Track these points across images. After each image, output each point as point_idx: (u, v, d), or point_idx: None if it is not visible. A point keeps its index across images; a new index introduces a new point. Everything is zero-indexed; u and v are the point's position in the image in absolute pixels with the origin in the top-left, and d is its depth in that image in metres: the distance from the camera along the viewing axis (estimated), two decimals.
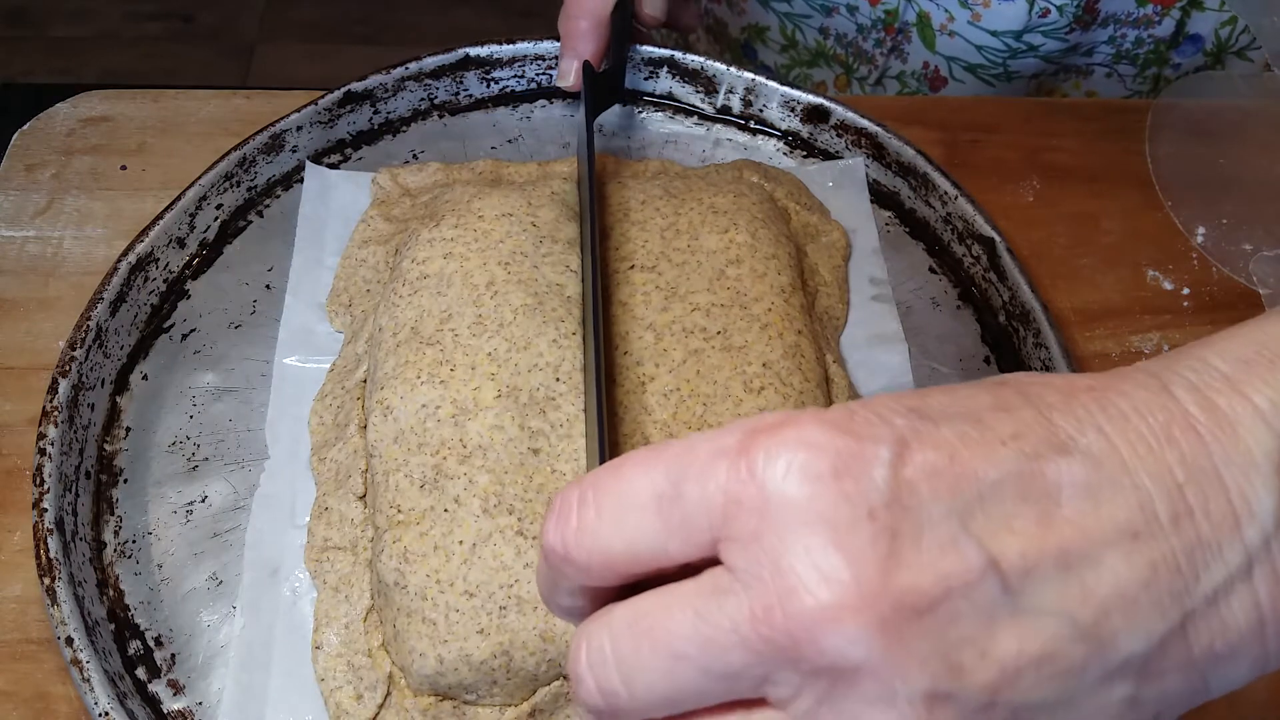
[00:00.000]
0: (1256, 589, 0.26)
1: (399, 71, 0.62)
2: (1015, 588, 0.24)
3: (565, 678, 0.42)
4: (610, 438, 0.45)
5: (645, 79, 0.64)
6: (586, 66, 0.58)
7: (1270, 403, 0.26)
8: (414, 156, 0.62)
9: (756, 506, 0.25)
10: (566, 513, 0.27)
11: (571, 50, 0.59)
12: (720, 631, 0.25)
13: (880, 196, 0.62)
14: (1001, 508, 0.25)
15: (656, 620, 0.26)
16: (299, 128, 0.59)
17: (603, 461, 0.36)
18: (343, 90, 0.60)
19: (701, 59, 0.63)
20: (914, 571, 0.24)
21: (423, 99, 0.63)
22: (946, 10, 0.71)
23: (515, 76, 0.64)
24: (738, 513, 0.25)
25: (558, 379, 0.47)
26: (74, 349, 0.50)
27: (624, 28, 0.60)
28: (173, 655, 0.45)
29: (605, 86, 0.60)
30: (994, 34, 0.71)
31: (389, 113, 0.62)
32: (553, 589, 0.29)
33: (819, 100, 0.62)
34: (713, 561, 0.26)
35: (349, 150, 0.61)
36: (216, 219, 0.57)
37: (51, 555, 0.44)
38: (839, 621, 0.24)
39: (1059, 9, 0.69)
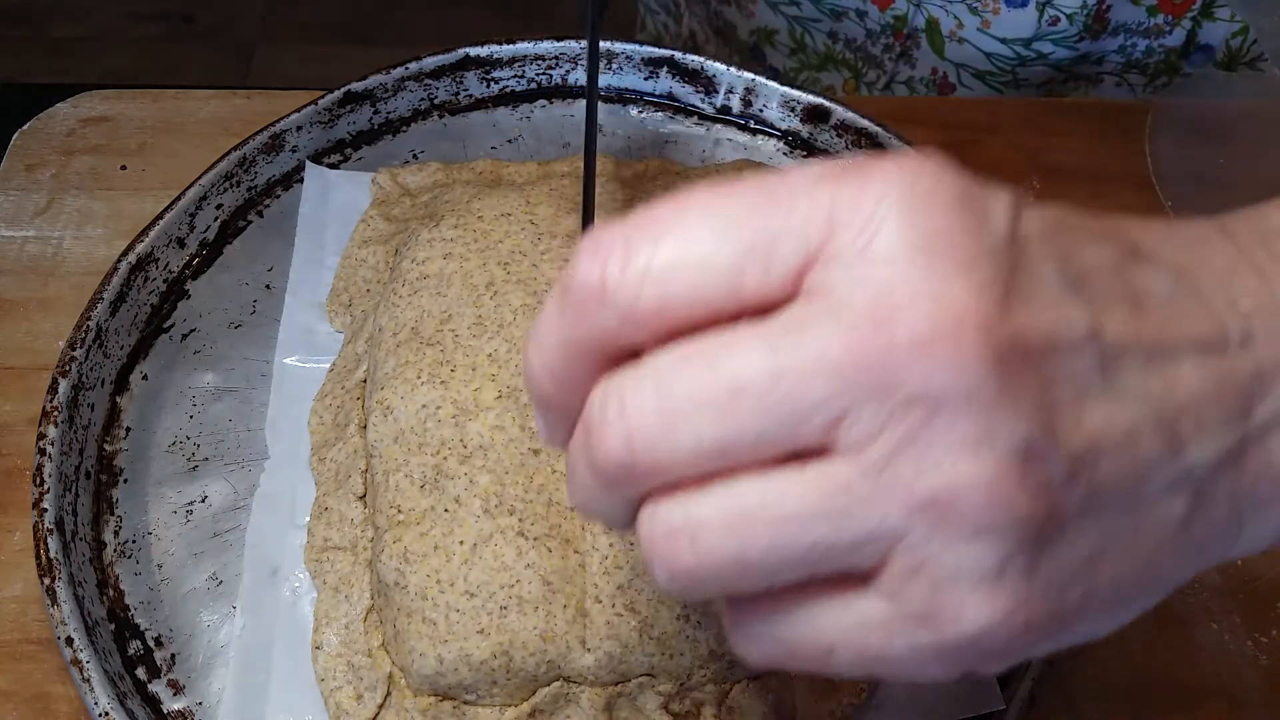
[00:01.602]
0: None
1: (399, 71, 0.62)
2: (1111, 364, 0.23)
3: (566, 678, 0.42)
4: None
5: (645, 79, 0.64)
6: None
7: None
8: (414, 156, 0.62)
9: (865, 224, 0.22)
10: (606, 245, 0.23)
11: None
12: (800, 359, 0.22)
13: None
14: (1101, 290, 0.24)
15: (713, 354, 0.23)
16: (299, 128, 0.59)
17: None
18: (343, 90, 0.60)
19: (701, 59, 0.63)
20: (1030, 315, 0.22)
21: (423, 99, 0.63)
22: (956, 17, 0.71)
23: (515, 76, 0.64)
24: (841, 231, 0.22)
25: None
26: (74, 349, 0.50)
27: None
28: (173, 655, 0.45)
29: None
30: (1003, 41, 0.71)
31: (389, 113, 0.62)
32: (563, 355, 0.25)
33: (819, 100, 0.62)
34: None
35: (349, 150, 0.61)
36: (216, 219, 0.57)
37: (51, 555, 0.44)
38: (955, 344, 0.21)
39: (1069, 17, 0.69)
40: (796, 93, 0.63)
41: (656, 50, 0.63)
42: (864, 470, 0.22)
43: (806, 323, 0.22)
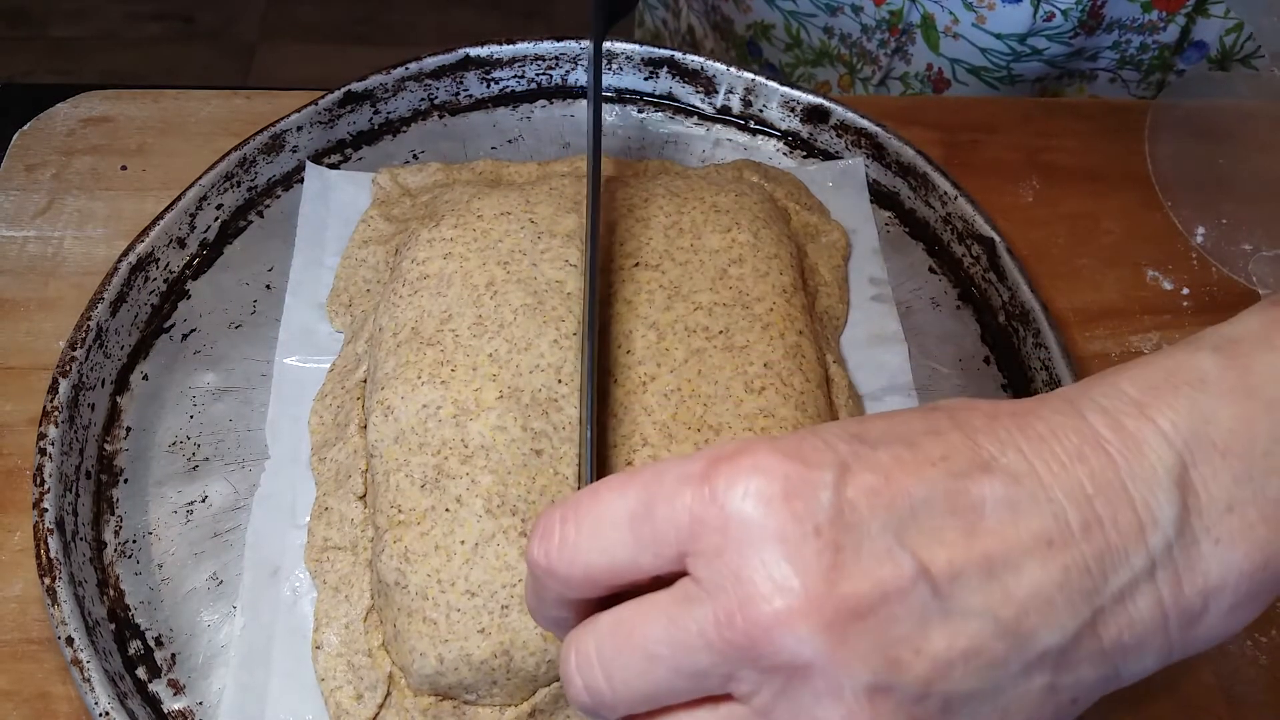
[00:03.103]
0: (1160, 588, 0.29)
1: (399, 71, 0.62)
2: (944, 592, 0.27)
3: None
4: (602, 452, 0.45)
5: (645, 79, 0.64)
6: None
7: (1172, 424, 0.29)
8: (414, 156, 0.62)
9: (719, 525, 0.28)
10: (549, 531, 0.30)
11: None
12: (689, 635, 0.28)
13: (880, 196, 0.62)
14: (932, 521, 0.28)
15: (634, 626, 0.29)
16: (299, 128, 0.59)
17: (592, 480, 0.39)
18: (343, 90, 0.61)
19: (701, 59, 0.63)
20: (855, 580, 0.27)
21: (423, 99, 0.63)
22: (951, 12, 0.71)
23: (515, 76, 0.64)
24: (702, 531, 0.28)
25: (559, 380, 0.47)
26: (74, 349, 0.50)
27: None
28: (173, 655, 0.45)
29: None
30: (998, 37, 0.71)
31: (389, 113, 0.62)
32: (539, 602, 0.32)
33: (819, 100, 0.62)
34: (682, 573, 0.29)
35: (349, 150, 0.61)
36: (217, 219, 0.57)
37: (52, 555, 0.44)
38: (791, 625, 0.27)
39: (1063, 13, 0.69)
40: (796, 93, 0.63)
41: (656, 50, 0.63)
42: (754, 713, 0.28)
43: (691, 600, 0.28)
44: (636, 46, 0.63)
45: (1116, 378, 0.31)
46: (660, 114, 0.65)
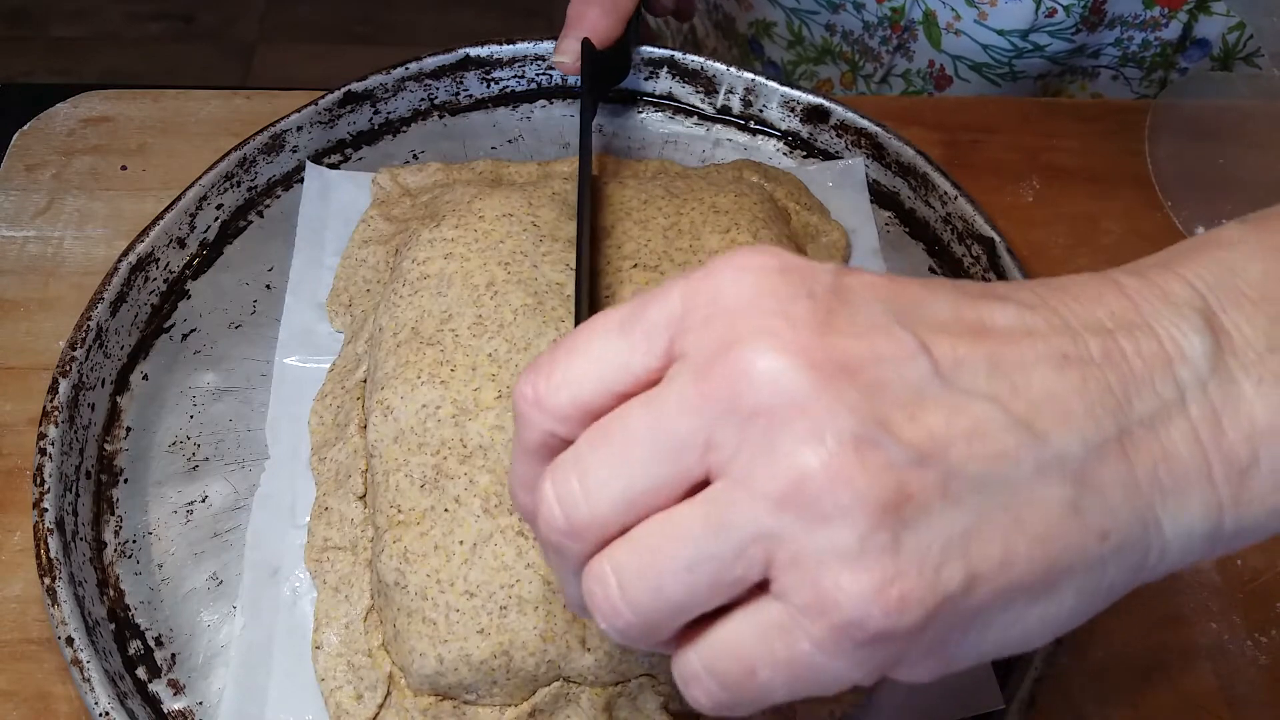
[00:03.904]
0: (1195, 425, 0.27)
1: (399, 71, 0.62)
2: (946, 372, 0.26)
3: (566, 678, 0.42)
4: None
5: (645, 79, 0.64)
6: (587, 45, 0.57)
7: (1196, 274, 0.28)
8: (414, 156, 0.62)
9: (710, 297, 0.27)
10: (537, 366, 0.29)
11: (575, 30, 0.57)
12: (668, 406, 0.26)
13: (880, 196, 0.62)
14: (937, 319, 0.27)
15: (614, 424, 0.27)
16: (299, 128, 0.59)
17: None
18: (343, 90, 0.61)
19: (701, 59, 0.63)
20: (847, 338, 0.26)
21: (423, 99, 0.63)
22: (953, 9, 0.71)
23: (515, 76, 0.64)
24: (693, 306, 0.27)
25: None
26: (74, 349, 0.50)
27: (635, 6, 0.59)
28: (173, 655, 0.45)
29: (609, 65, 0.58)
30: (1000, 33, 0.71)
31: (389, 113, 0.62)
32: (523, 452, 0.29)
33: (819, 100, 0.62)
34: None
35: (349, 150, 0.61)
36: (217, 219, 0.57)
37: (52, 555, 0.44)
38: (772, 360, 0.25)
39: (1065, 9, 0.69)
40: (796, 93, 0.63)
41: (656, 50, 0.63)
42: (733, 483, 0.26)
43: (671, 379, 0.27)
44: (639, 46, 0.63)
45: (1139, 260, 0.30)
46: (660, 114, 0.65)
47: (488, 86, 0.64)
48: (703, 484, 0.26)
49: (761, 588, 0.26)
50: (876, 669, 0.26)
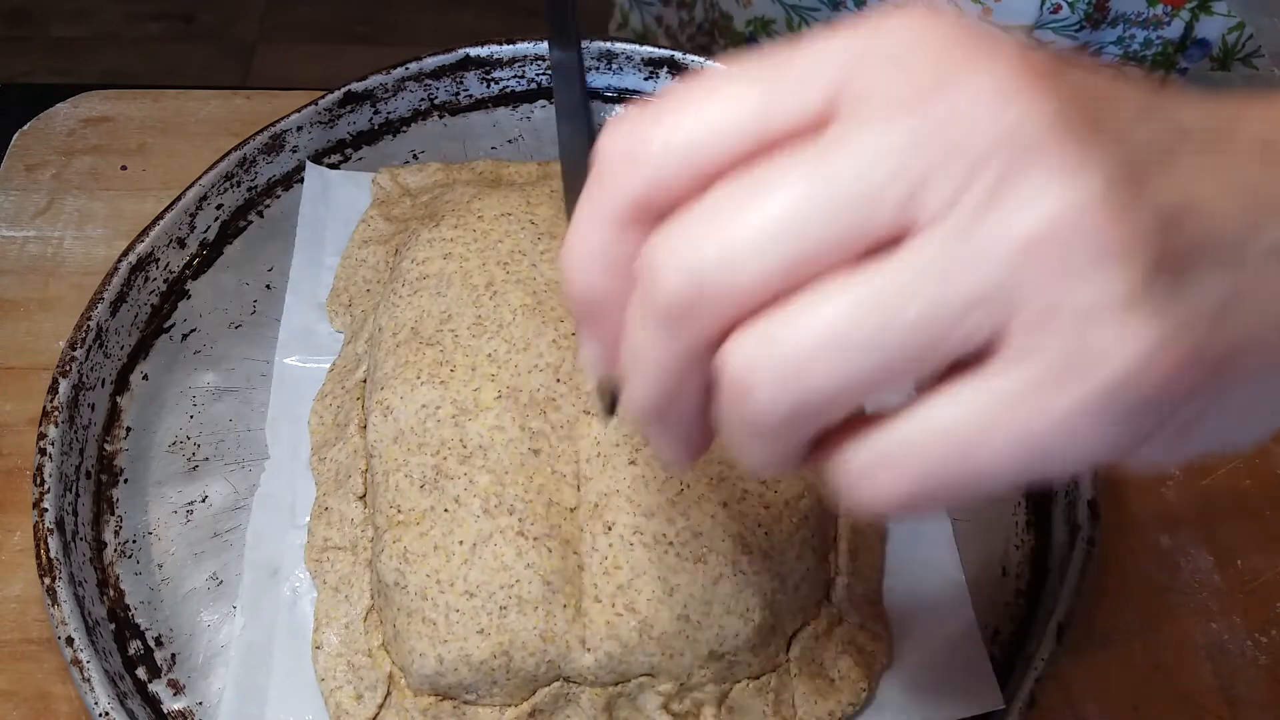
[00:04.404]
0: None
1: (399, 71, 0.62)
2: (1180, 138, 0.23)
3: (566, 678, 0.42)
4: (606, 451, 0.45)
5: (645, 79, 0.64)
6: None
7: None
8: (414, 156, 0.62)
9: (895, 39, 0.22)
10: (630, 118, 0.24)
11: None
12: (853, 148, 0.21)
13: None
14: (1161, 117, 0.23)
15: (771, 171, 0.22)
16: (299, 128, 0.59)
17: None
18: (343, 90, 0.60)
19: (701, 59, 0.63)
20: (1080, 84, 0.22)
21: (423, 99, 0.63)
22: (956, 4, 0.71)
23: (515, 76, 0.64)
24: (872, 49, 0.22)
25: (558, 380, 0.47)
26: (74, 349, 0.50)
27: None
28: (173, 655, 0.45)
29: None
30: (1004, 29, 0.71)
31: (389, 113, 0.62)
32: (593, 222, 0.24)
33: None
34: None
35: (349, 150, 0.61)
36: (217, 219, 0.57)
37: (52, 555, 0.44)
38: (1022, 88, 0.21)
39: (1070, 5, 0.69)
40: None
41: (656, 50, 0.63)
42: (953, 234, 0.21)
43: (857, 121, 0.22)
44: (637, 46, 0.63)
45: None
46: None
47: (488, 86, 0.64)
48: (879, 248, 0.22)
49: (979, 356, 0.22)
50: (1126, 442, 0.22)
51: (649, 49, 0.63)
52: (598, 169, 0.24)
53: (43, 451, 0.46)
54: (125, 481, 0.50)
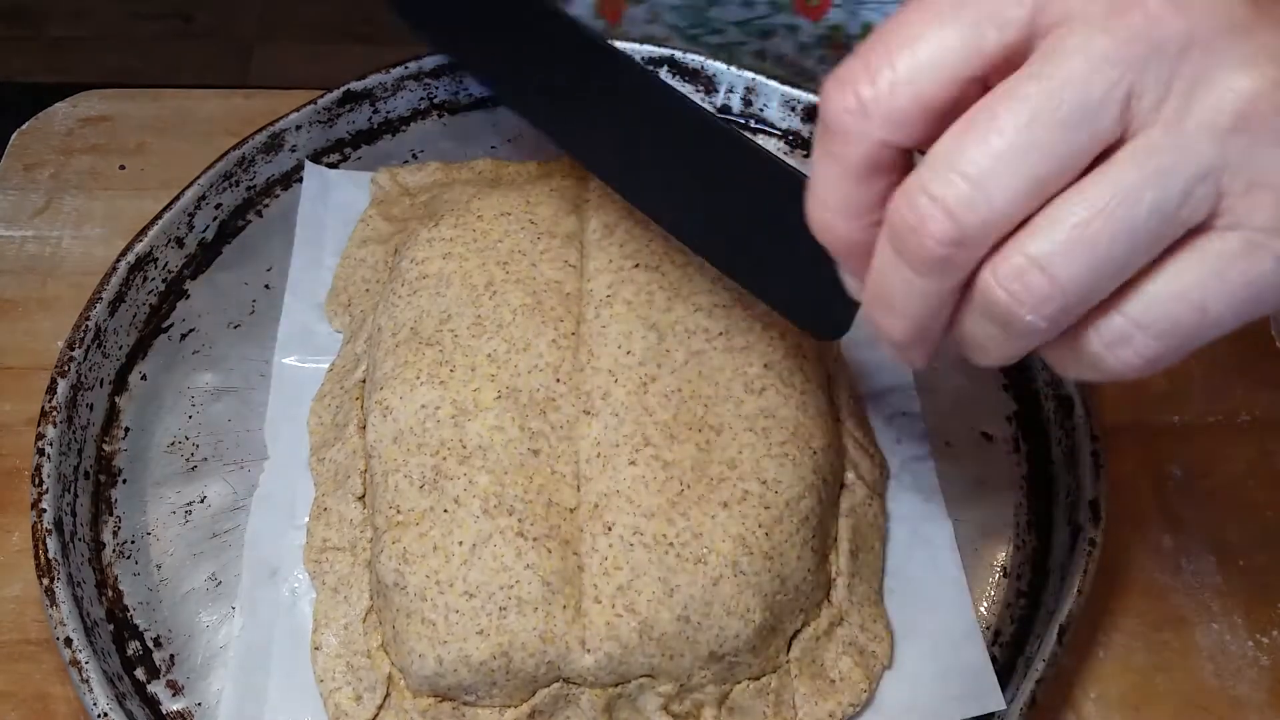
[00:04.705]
0: None
1: (399, 71, 0.62)
2: None
3: (565, 679, 0.42)
4: (605, 452, 0.45)
5: None
6: None
7: None
8: (413, 156, 0.62)
9: None
10: (850, 74, 0.27)
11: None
12: (1067, 68, 0.25)
13: None
14: None
15: (996, 106, 0.25)
16: (298, 127, 0.59)
17: None
18: (342, 90, 0.60)
19: (701, 58, 0.63)
20: None
21: (422, 98, 0.63)
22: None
23: None
24: None
25: (558, 380, 0.47)
26: (73, 349, 0.49)
27: None
28: (172, 656, 0.45)
29: None
30: None
31: (388, 112, 0.62)
32: (838, 180, 0.28)
33: (820, 100, 0.62)
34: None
35: (348, 150, 0.61)
36: (215, 219, 0.57)
37: (50, 556, 0.44)
38: None
39: None
40: (797, 92, 0.63)
41: (656, 50, 0.63)
42: (1167, 127, 0.25)
43: (1064, 40, 0.25)
44: (636, 45, 0.63)
45: None
46: None
47: None
48: (1104, 154, 0.26)
49: (1200, 228, 0.26)
50: None
51: (650, 48, 0.63)
52: (827, 127, 0.27)
53: (41, 452, 0.46)
54: (124, 482, 0.49)
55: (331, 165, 0.60)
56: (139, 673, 0.45)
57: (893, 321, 0.29)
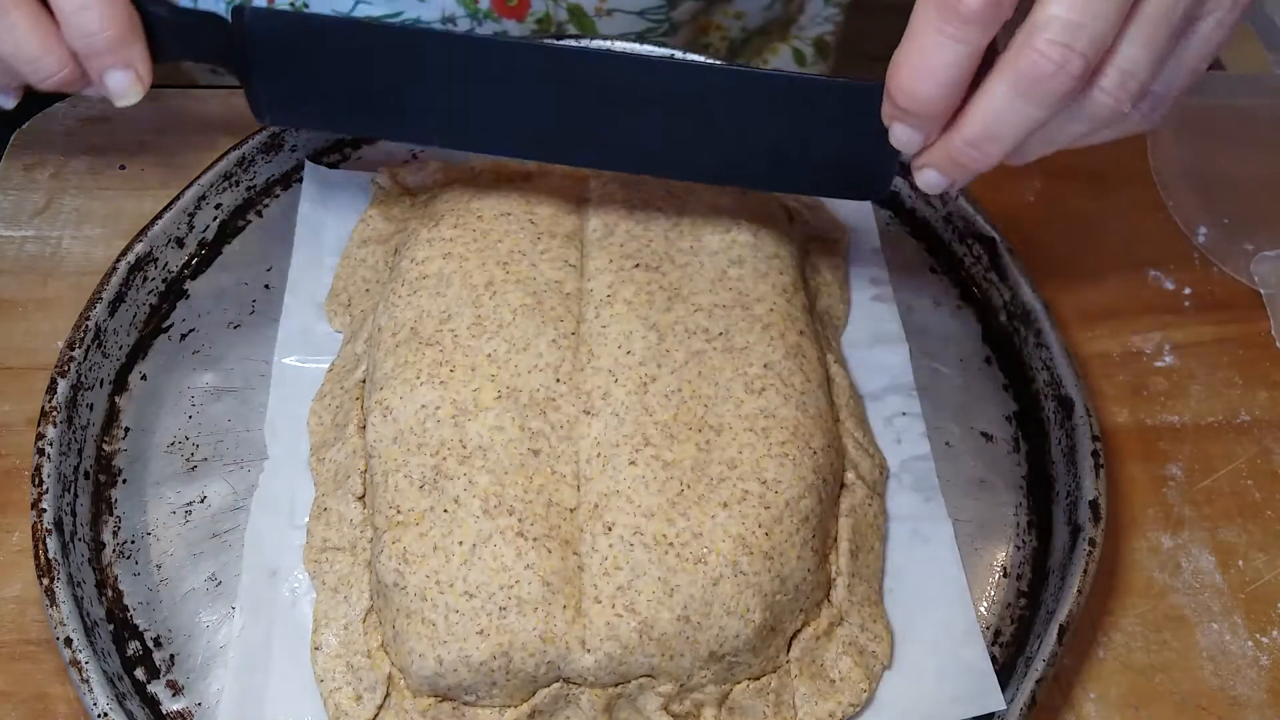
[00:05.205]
0: None
1: None
2: None
3: (565, 679, 0.42)
4: (606, 452, 0.45)
5: None
6: None
7: None
8: (413, 156, 0.62)
9: None
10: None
11: None
12: None
13: None
14: None
15: None
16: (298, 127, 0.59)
17: None
18: None
19: (701, 58, 0.63)
20: None
21: None
22: None
23: None
24: None
25: (558, 380, 0.47)
26: (73, 349, 0.49)
27: None
28: (172, 656, 0.45)
29: None
30: None
31: None
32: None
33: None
34: None
35: (348, 149, 0.61)
36: (215, 219, 0.57)
37: (50, 556, 0.44)
38: None
39: None
40: None
41: (656, 50, 0.63)
42: None
43: None
44: (636, 45, 0.63)
45: None
46: None
47: None
48: None
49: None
50: None
51: (649, 48, 0.63)
52: (965, 20, 0.36)
53: (41, 452, 0.46)
54: (124, 482, 0.49)
55: (331, 165, 0.60)
56: (139, 673, 0.45)
57: (995, 149, 0.40)
